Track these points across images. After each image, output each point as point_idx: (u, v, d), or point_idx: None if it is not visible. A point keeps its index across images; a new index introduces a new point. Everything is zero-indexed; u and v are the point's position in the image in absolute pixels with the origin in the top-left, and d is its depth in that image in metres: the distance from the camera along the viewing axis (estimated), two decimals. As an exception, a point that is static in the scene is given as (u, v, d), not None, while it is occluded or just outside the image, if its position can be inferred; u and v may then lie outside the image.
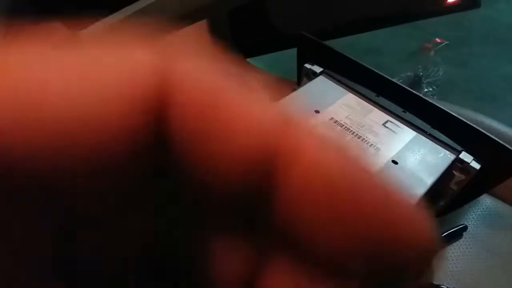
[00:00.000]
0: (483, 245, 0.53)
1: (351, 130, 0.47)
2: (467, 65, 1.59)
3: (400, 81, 1.38)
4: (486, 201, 0.58)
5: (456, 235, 0.53)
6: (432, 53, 1.55)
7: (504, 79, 1.54)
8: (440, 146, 0.46)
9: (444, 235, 0.52)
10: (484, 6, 1.11)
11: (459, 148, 0.46)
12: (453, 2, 1.07)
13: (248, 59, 1.11)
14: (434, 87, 1.41)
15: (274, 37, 1.04)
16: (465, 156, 0.45)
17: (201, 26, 0.98)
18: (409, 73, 1.42)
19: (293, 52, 0.61)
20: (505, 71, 1.57)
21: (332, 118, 0.48)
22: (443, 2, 1.07)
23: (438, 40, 1.59)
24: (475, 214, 0.55)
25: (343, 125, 0.47)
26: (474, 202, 0.56)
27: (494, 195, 0.59)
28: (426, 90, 1.39)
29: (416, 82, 1.39)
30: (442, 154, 0.46)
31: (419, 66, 1.45)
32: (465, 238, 0.53)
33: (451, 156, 0.45)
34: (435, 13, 1.15)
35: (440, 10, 1.12)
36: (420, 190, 0.42)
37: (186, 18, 0.69)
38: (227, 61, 0.08)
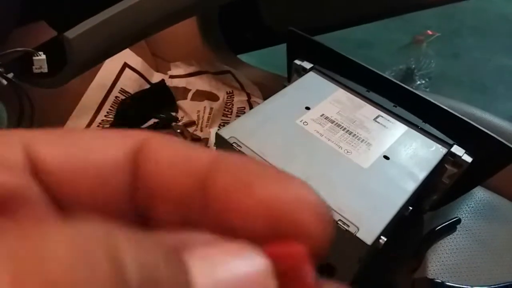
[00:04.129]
0: (477, 238, 0.53)
1: (342, 126, 0.46)
2: (459, 57, 1.59)
3: (393, 74, 1.38)
4: (479, 193, 0.58)
5: (450, 228, 0.53)
6: (424, 45, 1.55)
7: (496, 70, 1.54)
8: (432, 140, 0.46)
9: (438, 229, 0.52)
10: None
11: (450, 141, 0.46)
12: (444, -6, 1.07)
13: (239, 56, 1.10)
14: (427, 79, 1.41)
15: (264, 33, 1.03)
16: (456, 149, 0.45)
17: (191, 23, 0.97)
18: (401, 66, 1.42)
19: (284, 47, 0.61)
20: (497, 62, 1.58)
21: (323, 114, 0.48)
22: (434, -6, 1.07)
23: (429, 32, 1.59)
24: (469, 207, 0.55)
25: (334, 121, 0.47)
26: (467, 195, 0.56)
27: (487, 187, 0.59)
28: (418, 82, 1.39)
29: (409, 75, 1.39)
30: (434, 148, 0.45)
31: (411, 59, 1.45)
32: (459, 231, 0.53)
33: (442, 150, 0.45)
34: (427, 6, 1.15)
35: (432, 2, 1.12)
36: (412, 184, 0.42)
37: (175, 15, 0.68)
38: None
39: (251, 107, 0.90)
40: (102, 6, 0.55)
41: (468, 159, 0.44)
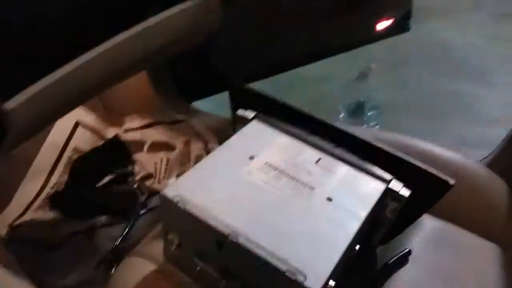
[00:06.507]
0: (429, 267, 0.54)
1: (286, 173, 0.48)
2: (407, 85, 1.66)
3: (345, 108, 1.44)
4: (428, 222, 0.60)
5: (402, 261, 0.54)
6: (370, 78, 1.63)
7: (443, 96, 1.62)
8: (371, 177, 0.48)
9: (390, 262, 0.53)
10: (416, 26, 1.18)
11: (389, 177, 0.48)
12: (383, 29, 1.15)
13: (194, 102, 1.11)
14: (376, 110, 1.47)
15: (216, 79, 1.06)
16: (394, 185, 0.47)
17: (142, 75, 0.98)
18: (351, 101, 1.48)
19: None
20: (444, 87, 1.66)
21: (267, 162, 0.49)
22: (373, 30, 1.14)
23: (373, 66, 1.67)
24: (418, 237, 0.57)
25: (278, 168, 0.48)
26: (416, 225, 0.58)
27: (435, 214, 0.61)
28: (369, 114, 1.45)
29: (359, 107, 1.45)
30: (373, 185, 0.47)
31: (360, 92, 1.52)
32: (411, 262, 0.54)
33: (382, 186, 0.47)
34: (369, 41, 1.22)
35: (373, 37, 1.19)
36: (356, 224, 0.43)
37: (125, 71, 0.69)
38: None
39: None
40: (46, 70, 0.55)
41: (406, 193, 0.46)
